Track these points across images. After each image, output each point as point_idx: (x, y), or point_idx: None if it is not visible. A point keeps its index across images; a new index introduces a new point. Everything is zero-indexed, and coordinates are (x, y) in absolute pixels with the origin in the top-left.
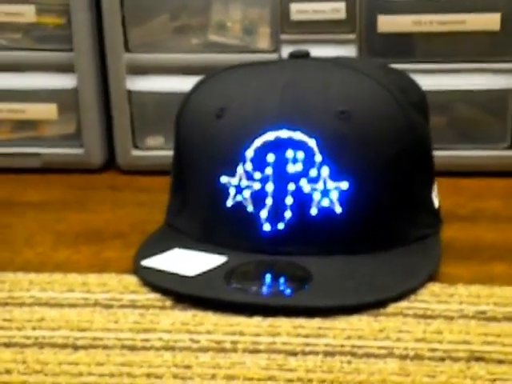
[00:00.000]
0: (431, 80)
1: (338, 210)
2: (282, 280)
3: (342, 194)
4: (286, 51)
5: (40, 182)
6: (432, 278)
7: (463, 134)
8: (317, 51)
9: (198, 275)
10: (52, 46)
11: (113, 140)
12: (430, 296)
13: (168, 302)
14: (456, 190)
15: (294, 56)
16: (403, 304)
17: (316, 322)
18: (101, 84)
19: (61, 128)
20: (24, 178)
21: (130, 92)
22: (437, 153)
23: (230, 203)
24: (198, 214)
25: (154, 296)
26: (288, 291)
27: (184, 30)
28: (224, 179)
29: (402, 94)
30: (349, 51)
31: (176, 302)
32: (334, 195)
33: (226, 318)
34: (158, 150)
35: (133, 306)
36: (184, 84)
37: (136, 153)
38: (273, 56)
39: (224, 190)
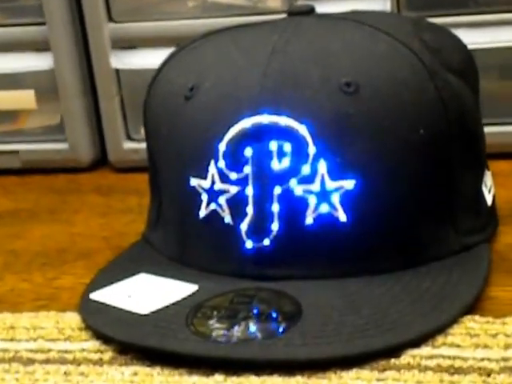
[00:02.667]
0: (486, 35)
1: (343, 217)
2: (255, 321)
3: (347, 197)
4: None
5: (17, 185)
6: (471, 307)
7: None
8: (341, 8)
9: (154, 313)
10: (22, 19)
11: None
12: (464, 337)
13: (108, 354)
14: None
15: (293, 13)
16: (424, 351)
17: (296, 381)
18: (83, 63)
19: (42, 119)
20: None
21: (117, 71)
22: (492, 129)
23: (202, 213)
24: (170, 226)
25: (92, 345)
26: (260, 335)
27: None
28: (194, 182)
29: (436, 55)
30: (381, 6)
31: (120, 352)
32: (336, 198)
33: (177, 376)
34: None
35: (61, 360)
36: None
37: (129, 145)
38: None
39: (195, 196)
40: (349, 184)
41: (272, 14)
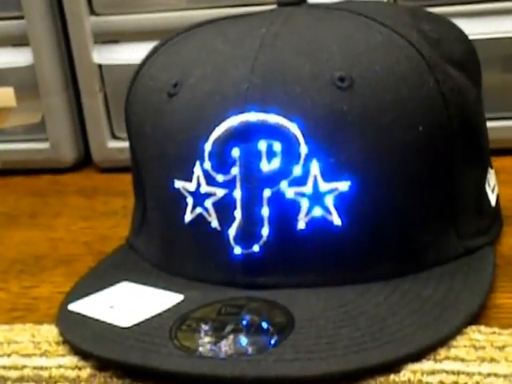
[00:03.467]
0: (486, 25)
1: (337, 221)
2: (245, 334)
3: (342, 199)
4: None
5: None
6: (475, 317)
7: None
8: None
9: (136, 326)
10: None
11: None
12: (469, 350)
13: (86, 371)
14: None
15: (283, 4)
16: (425, 365)
17: None
18: (64, 58)
19: (22, 117)
20: None
21: (99, 66)
22: (494, 124)
23: (188, 217)
24: (154, 231)
25: (69, 361)
26: (250, 349)
27: None
28: (178, 184)
29: (435, 47)
30: None
31: (99, 369)
32: (330, 201)
33: None
34: None
35: (35, 378)
36: None
37: (114, 144)
38: None
39: (180, 199)
40: (343, 186)
41: (260, 6)
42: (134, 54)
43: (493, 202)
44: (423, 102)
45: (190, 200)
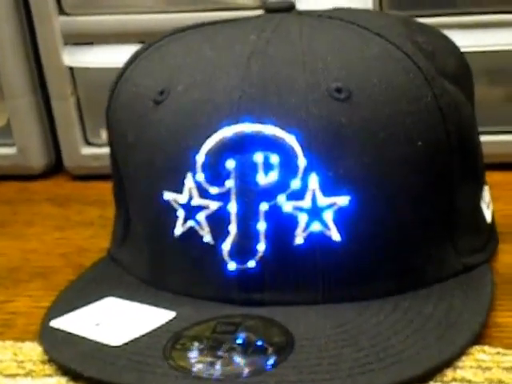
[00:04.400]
0: (477, 37)
1: (336, 236)
2: (241, 353)
3: (341, 214)
4: None
5: None
6: (479, 337)
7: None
8: (320, 5)
9: (127, 344)
10: None
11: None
12: (476, 371)
13: None
14: None
15: (271, 10)
16: None
17: None
18: (31, 60)
19: None
20: None
21: (71, 69)
22: (486, 138)
23: (179, 230)
24: (140, 244)
25: (57, 381)
26: (248, 370)
27: None
28: (168, 195)
29: (431, 59)
30: (362, 3)
31: None
32: (329, 216)
33: None
34: None
35: None
36: None
37: (87, 151)
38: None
39: (170, 212)
40: (343, 200)
41: (243, 10)
42: (108, 56)
43: (488, 219)
44: (422, 117)
45: (180, 213)
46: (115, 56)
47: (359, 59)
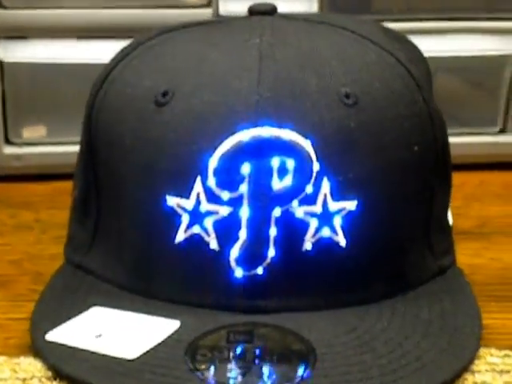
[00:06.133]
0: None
1: (343, 242)
2: (268, 364)
3: (348, 219)
4: (224, 6)
5: None
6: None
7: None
8: None
9: (143, 357)
10: None
11: None
12: (493, 375)
13: None
14: None
15: (255, 12)
16: None
17: None
18: None
19: None
20: None
21: (1, 63)
22: None
23: (180, 237)
24: (125, 251)
25: None
26: (282, 380)
27: None
28: (172, 201)
29: (415, 66)
30: (307, 6)
31: None
32: (338, 221)
33: None
34: (40, 144)
35: None
36: (79, 52)
37: (9, 150)
38: (206, 12)
39: (172, 218)
40: (351, 205)
41: (189, 8)
42: (42, 51)
43: (450, 221)
44: (417, 121)
45: (185, 218)
46: (49, 51)
47: (360, 65)
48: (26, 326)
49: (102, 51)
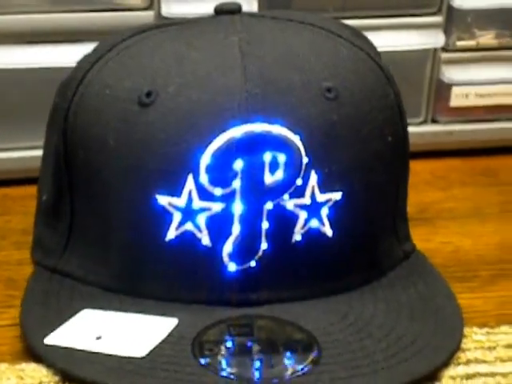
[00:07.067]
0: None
1: (329, 232)
2: (276, 354)
3: (333, 210)
4: (167, 9)
5: None
6: None
7: None
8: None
9: (151, 355)
10: None
11: None
12: (484, 352)
13: None
14: None
15: (221, 11)
16: (459, 371)
17: None
18: None
19: None
20: None
21: None
22: None
23: (171, 234)
24: (110, 252)
25: None
26: (295, 370)
27: None
28: (163, 200)
29: (380, 60)
30: (248, 5)
31: None
32: (325, 212)
33: None
34: None
35: None
36: (27, 57)
37: None
38: (147, 15)
39: (161, 216)
40: (336, 196)
41: (130, 11)
42: None
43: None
44: (389, 114)
45: (177, 216)
46: None
47: (336, 60)
48: (14, 333)
49: (48, 56)
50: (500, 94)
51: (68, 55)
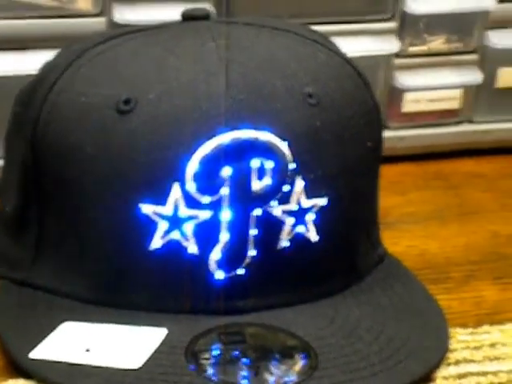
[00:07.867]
0: None
1: (314, 237)
2: (273, 361)
3: (319, 216)
4: (119, 13)
5: None
6: None
7: None
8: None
9: (147, 366)
10: None
11: None
12: (471, 352)
13: None
14: None
15: (189, 17)
16: (451, 371)
17: None
18: None
19: None
20: None
21: None
22: None
23: (156, 243)
24: (88, 263)
25: None
26: (296, 378)
27: None
28: (146, 209)
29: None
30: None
31: None
32: (310, 218)
33: None
34: None
35: None
36: None
37: None
38: (99, 21)
39: (145, 225)
40: (321, 202)
41: (82, 17)
42: None
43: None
44: (368, 119)
45: (162, 225)
46: None
47: (315, 65)
48: None
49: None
50: (449, 98)
51: (16, 63)
